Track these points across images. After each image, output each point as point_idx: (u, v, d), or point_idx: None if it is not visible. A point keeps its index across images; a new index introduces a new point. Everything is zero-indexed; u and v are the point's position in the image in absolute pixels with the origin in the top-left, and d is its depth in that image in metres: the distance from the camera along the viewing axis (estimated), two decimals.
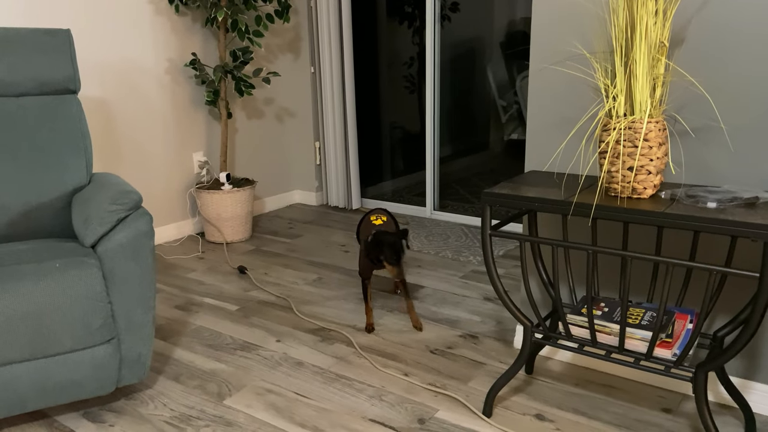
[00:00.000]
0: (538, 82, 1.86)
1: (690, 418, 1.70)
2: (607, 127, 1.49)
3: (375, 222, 2.35)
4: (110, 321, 1.68)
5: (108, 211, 1.70)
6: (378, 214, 2.42)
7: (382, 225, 2.34)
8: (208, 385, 1.93)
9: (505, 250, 3.10)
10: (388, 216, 2.42)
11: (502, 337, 2.20)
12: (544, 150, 1.90)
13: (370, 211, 2.50)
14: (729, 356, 1.40)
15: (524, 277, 1.67)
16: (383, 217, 2.39)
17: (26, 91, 2.02)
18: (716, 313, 1.73)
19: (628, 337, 1.54)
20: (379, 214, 2.42)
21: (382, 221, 2.35)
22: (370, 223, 2.36)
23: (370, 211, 2.47)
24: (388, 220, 2.38)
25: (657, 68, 1.45)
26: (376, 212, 2.44)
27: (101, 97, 3.00)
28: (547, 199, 1.51)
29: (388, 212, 2.46)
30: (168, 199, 3.38)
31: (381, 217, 2.39)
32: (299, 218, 3.79)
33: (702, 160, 1.65)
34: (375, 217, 2.39)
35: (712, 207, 1.38)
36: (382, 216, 2.40)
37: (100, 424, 1.75)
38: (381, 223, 2.34)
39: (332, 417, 1.75)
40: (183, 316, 2.43)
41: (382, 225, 2.34)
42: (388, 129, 4.11)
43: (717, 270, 1.32)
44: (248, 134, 3.77)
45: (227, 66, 3.21)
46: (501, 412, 1.76)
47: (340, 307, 2.48)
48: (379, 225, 2.33)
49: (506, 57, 3.69)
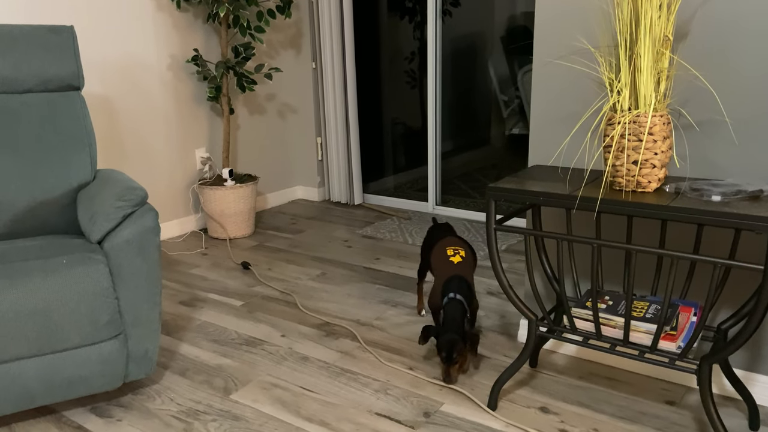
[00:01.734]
0: (542, 77, 1.87)
1: (693, 411, 1.71)
2: (612, 121, 1.49)
3: (452, 259, 1.99)
4: (117, 317, 1.69)
5: (114, 208, 1.70)
6: (455, 246, 2.04)
7: (460, 264, 1.99)
8: (214, 380, 1.94)
9: (508, 245, 3.11)
10: (465, 248, 2.06)
11: (506, 331, 2.21)
12: (548, 145, 1.91)
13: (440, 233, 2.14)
14: (733, 348, 1.41)
15: (529, 271, 1.67)
16: (461, 252, 2.03)
17: (30, 88, 2.02)
18: (720, 305, 1.73)
19: (633, 330, 1.55)
20: (455, 246, 2.04)
21: (461, 258, 2.00)
22: (446, 258, 2.01)
23: (443, 237, 2.10)
24: (466, 255, 2.04)
25: (661, 62, 1.46)
26: (451, 242, 2.06)
27: (103, 94, 3.00)
28: (552, 193, 1.51)
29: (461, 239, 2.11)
30: (171, 195, 3.38)
31: (459, 251, 2.03)
32: (302, 214, 3.80)
33: (706, 154, 1.66)
34: (453, 252, 2.02)
35: (717, 200, 1.39)
36: (460, 250, 2.03)
37: (108, 419, 1.76)
38: (460, 261, 1.99)
39: (338, 411, 1.76)
40: (188, 312, 2.44)
41: (461, 264, 1.99)
42: (390, 124, 4.11)
43: (721, 263, 1.33)
44: (250, 130, 3.77)
45: (229, 62, 3.21)
46: (506, 405, 1.77)
47: (344, 302, 2.49)
48: (458, 264, 1.98)
49: (507, 52, 3.69)
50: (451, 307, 1.87)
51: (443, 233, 2.18)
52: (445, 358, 1.80)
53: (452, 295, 1.90)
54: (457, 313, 1.86)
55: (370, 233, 3.37)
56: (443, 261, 2.02)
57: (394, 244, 3.18)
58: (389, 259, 2.96)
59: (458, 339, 1.79)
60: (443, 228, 2.23)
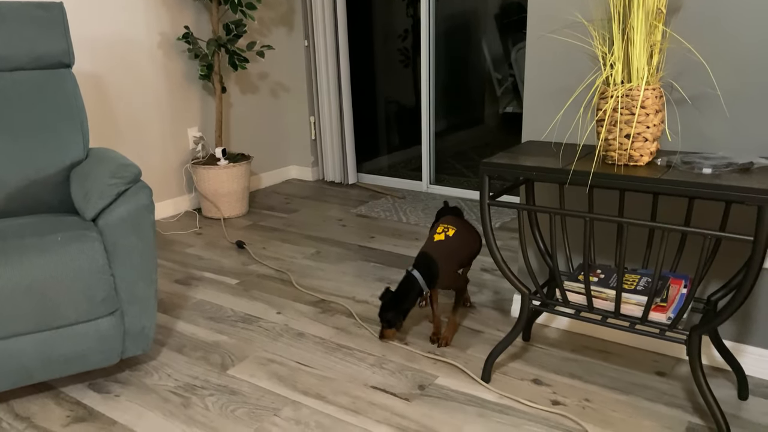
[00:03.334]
0: (535, 51, 1.86)
1: (683, 381, 1.75)
2: (605, 95, 1.50)
3: (435, 237, 1.96)
4: (113, 294, 1.70)
5: (108, 185, 1.70)
6: (446, 224, 2.00)
7: (439, 242, 1.94)
8: (211, 356, 1.96)
9: (501, 222, 3.13)
10: (459, 228, 1.99)
11: (499, 307, 2.23)
12: (542, 120, 1.91)
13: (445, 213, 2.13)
14: (722, 319, 1.43)
15: (522, 245, 1.69)
16: (450, 231, 1.97)
17: (20, 65, 2.00)
18: (710, 278, 1.76)
19: (624, 302, 1.57)
20: (447, 224, 2.00)
21: (445, 236, 1.96)
22: (431, 235, 1.99)
23: (442, 217, 2.08)
24: (456, 234, 1.97)
25: (654, 35, 1.46)
26: (447, 220, 2.03)
27: (93, 72, 2.97)
28: (545, 167, 1.52)
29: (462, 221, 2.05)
30: (164, 175, 3.37)
31: (448, 230, 1.98)
32: (296, 193, 3.80)
33: (698, 127, 1.67)
34: (441, 230, 1.98)
35: (708, 173, 1.40)
36: (449, 228, 1.98)
37: (106, 394, 1.78)
38: (440, 240, 1.95)
39: (334, 385, 1.79)
40: (183, 290, 2.45)
41: (440, 242, 1.94)
42: (384, 103, 4.10)
43: (711, 234, 1.35)
44: (243, 109, 3.75)
45: (220, 39, 3.18)
46: (499, 377, 1.80)
47: (339, 280, 2.50)
48: (437, 242, 1.94)
49: (501, 29, 3.67)
50: (403, 281, 1.90)
51: (447, 213, 2.17)
52: (379, 315, 1.91)
53: (410, 269, 1.91)
54: (406, 288, 1.88)
55: (365, 212, 3.38)
56: (428, 239, 2.00)
57: (389, 223, 3.19)
58: (384, 238, 2.97)
59: (386, 308, 1.88)
60: (450, 210, 2.19)
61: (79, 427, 1.64)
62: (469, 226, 2.07)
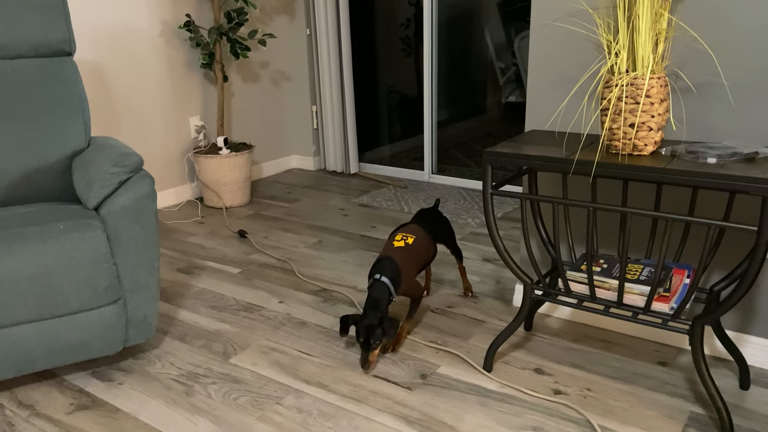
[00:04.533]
0: (540, 40, 1.85)
1: (685, 371, 1.75)
2: (609, 83, 1.48)
3: (395, 243, 1.91)
4: (116, 282, 1.70)
5: (110, 173, 1.70)
6: (405, 233, 1.95)
7: (399, 248, 1.88)
8: (213, 345, 1.96)
9: (503, 213, 3.12)
10: (419, 236, 1.95)
11: (501, 297, 2.23)
12: (545, 109, 1.90)
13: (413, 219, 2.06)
14: (725, 309, 1.43)
15: (525, 234, 1.68)
16: (410, 239, 1.93)
17: (21, 53, 1.99)
18: (713, 268, 1.76)
19: (627, 291, 1.57)
20: (406, 233, 1.95)
21: (405, 243, 1.91)
22: (390, 243, 1.92)
23: (405, 225, 2.02)
24: (416, 242, 1.92)
25: (659, 23, 1.44)
26: (406, 228, 1.98)
27: (94, 60, 2.96)
28: (549, 157, 1.52)
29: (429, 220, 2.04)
30: (166, 164, 3.37)
31: (408, 237, 1.93)
32: (297, 183, 3.79)
33: (703, 117, 1.66)
34: (400, 237, 1.93)
35: (712, 162, 1.39)
36: (409, 236, 1.94)
37: (109, 382, 1.78)
38: (399, 246, 1.89)
39: (336, 373, 1.79)
40: (186, 279, 2.45)
41: (400, 249, 1.88)
42: (386, 92, 4.08)
43: (716, 224, 1.34)
44: (244, 98, 3.74)
45: (222, 28, 3.16)
46: (501, 366, 1.80)
47: (341, 269, 2.50)
48: (396, 248, 1.88)
49: (504, 17, 3.64)
50: (375, 289, 1.79)
51: (415, 219, 2.08)
52: (363, 344, 1.74)
53: (377, 276, 1.81)
54: (380, 294, 1.77)
55: (366, 202, 3.38)
56: (387, 245, 1.92)
57: (391, 213, 3.19)
58: (386, 227, 2.97)
59: (376, 325, 1.73)
60: (423, 215, 2.11)
61: (83, 414, 1.65)
62: (426, 234, 2.00)
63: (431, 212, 2.14)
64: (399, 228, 2.03)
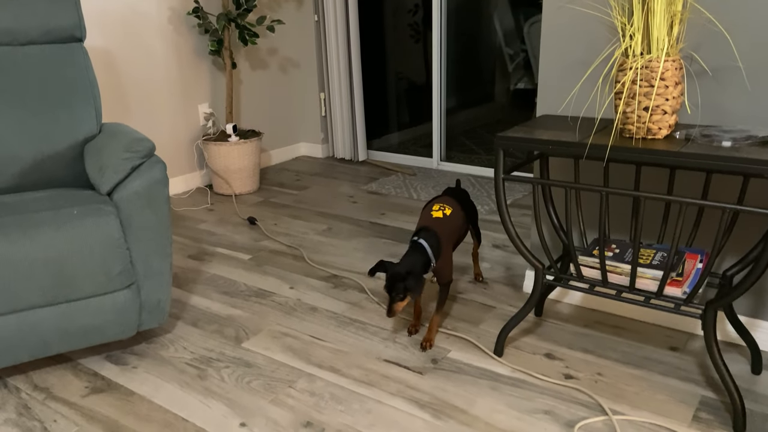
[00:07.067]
0: (552, 23, 1.83)
1: (697, 356, 1.75)
2: (623, 66, 1.47)
3: (433, 213, 1.91)
4: (129, 267, 1.71)
5: (122, 159, 1.70)
6: (443, 203, 1.95)
7: (438, 219, 1.88)
8: (225, 330, 1.98)
9: (513, 199, 3.11)
10: (455, 209, 1.95)
11: (511, 282, 2.23)
12: (557, 93, 1.89)
13: (446, 193, 2.07)
14: (738, 293, 1.43)
15: (536, 219, 1.68)
16: (447, 210, 1.92)
17: (32, 39, 1.99)
18: (726, 253, 1.75)
19: (639, 276, 1.56)
20: (443, 203, 1.95)
21: (443, 215, 1.90)
22: (428, 213, 1.93)
23: (439, 196, 2.04)
24: (452, 214, 1.93)
25: (675, 5, 1.43)
26: (443, 200, 1.98)
27: (103, 47, 2.96)
28: (562, 141, 1.51)
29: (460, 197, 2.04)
30: (175, 151, 3.37)
31: (445, 208, 1.93)
32: (306, 170, 3.79)
33: (718, 100, 1.64)
34: (438, 207, 1.93)
35: (727, 146, 1.38)
36: (446, 207, 1.93)
37: (123, 366, 1.80)
38: (438, 217, 1.89)
39: (348, 358, 1.80)
40: (197, 265, 2.47)
41: (439, 219, 1.88)
42: (394, 79, 4.06)
43: (730, 208, 1.33)
44: (253, 85, 3.73)
45: (230, 14, 3.15)
46: (512, 351, 1.80)
47: (351, 256, 2.51)
48: (435, 219, 1.88)
49: (513, 3, 3.61)
50: (413, 247, 1.77)
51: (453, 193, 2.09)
52: (386, 288, 1.72)
53: (416, 238, 1.80)
54: (417, 253, 1.75)
55: (375, 189, 3.37)
56: (425, 215, 1.92)
57: (399, 200, 3.19)
58: (395, 214, 2.97)
59: (401, 278, 1.69)
60: (457, 191, 2.11)
61: (98, 398, 1.67)
62: (461, 209, 1.99)
63: (459, 190, 2.12)
64: (434, 199, 2.01)
